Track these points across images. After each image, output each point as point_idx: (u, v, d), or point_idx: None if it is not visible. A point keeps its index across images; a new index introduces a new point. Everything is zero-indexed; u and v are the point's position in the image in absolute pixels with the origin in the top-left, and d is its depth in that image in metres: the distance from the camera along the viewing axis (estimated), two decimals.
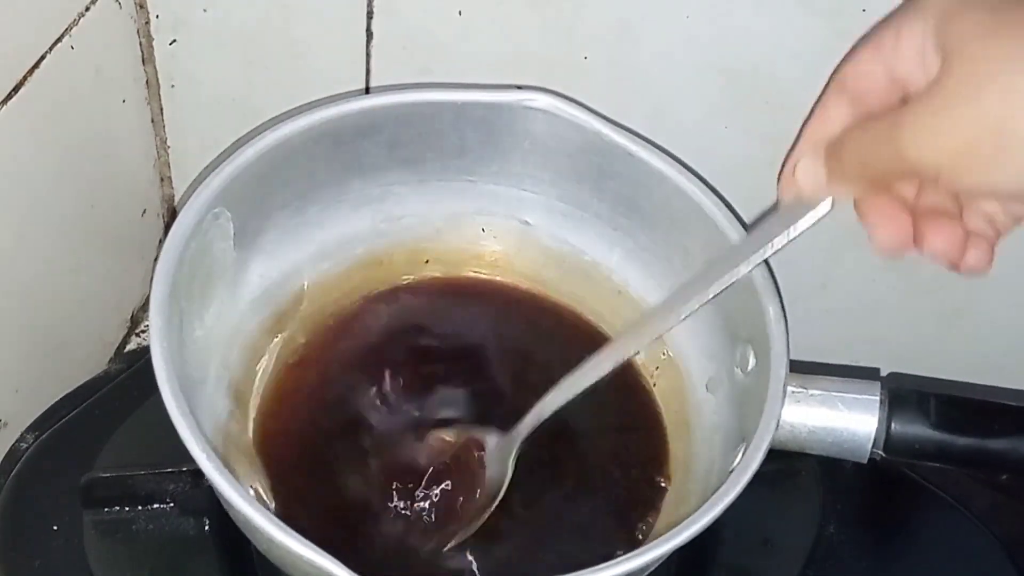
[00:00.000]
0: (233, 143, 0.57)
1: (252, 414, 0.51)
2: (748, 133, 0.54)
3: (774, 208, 0.43)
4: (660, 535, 0.40)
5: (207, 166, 0.59)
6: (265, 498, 0.48)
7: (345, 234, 0.55)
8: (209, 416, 0.48)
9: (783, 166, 0.42)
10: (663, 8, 0.51)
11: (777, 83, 0.52)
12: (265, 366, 0.52)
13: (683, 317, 0.44)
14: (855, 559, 0.53)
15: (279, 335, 0.53)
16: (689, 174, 0.50)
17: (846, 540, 0.53)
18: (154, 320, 0.43)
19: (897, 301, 0.60)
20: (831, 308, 0.60)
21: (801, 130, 0.42)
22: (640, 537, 0.48)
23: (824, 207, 0.40)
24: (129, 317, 0.65)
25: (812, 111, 0.42)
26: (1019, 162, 0.33)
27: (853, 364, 0.63)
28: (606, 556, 0.39)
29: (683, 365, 0.53)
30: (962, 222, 0.39)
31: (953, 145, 0.34)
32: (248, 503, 0.39)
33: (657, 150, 0.51)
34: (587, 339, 0.55)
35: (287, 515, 0.47)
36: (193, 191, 0.47)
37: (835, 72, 0.41)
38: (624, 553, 0.39)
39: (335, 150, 0.51)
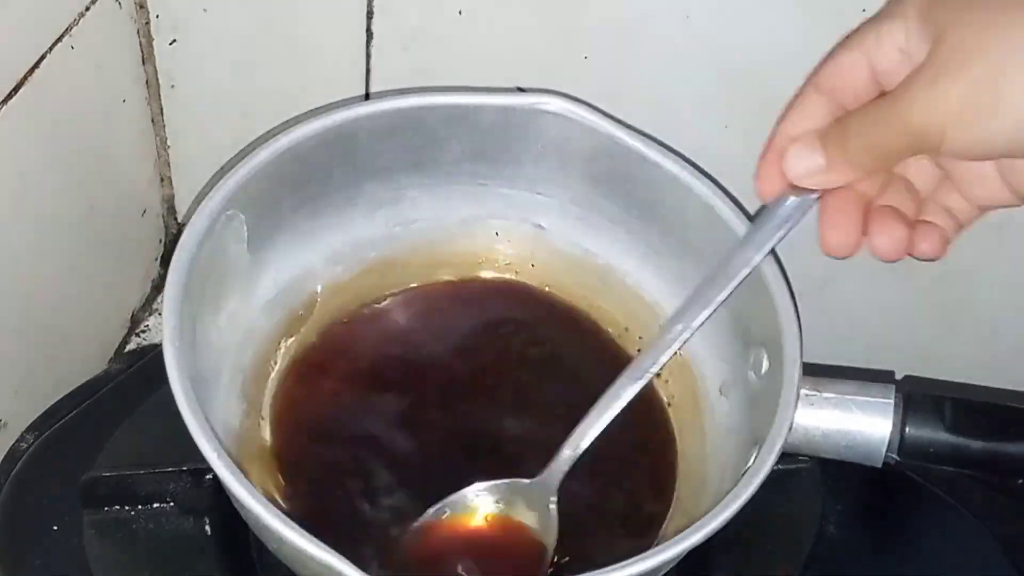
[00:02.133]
0: (236, 151, 0.57)
1: (266, 416, 0.51)
2: (748, 133, 0.54)
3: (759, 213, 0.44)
4: (670, 538, 0.40)
5: (215, 172, 0.59)
6: (277, 499, 0.48)
7: (359, 238, 0.55)
8: (222, 417, 0.47)
9: (760, 167, 0.44)
10: (663, 8, 0.51)
11: (777, 83, 0.52)
12: (278, 368, 0.52)
13: (689, 333, 0.45)
14: (855, 559, 0.53)
15: (292, 337, 0.53)
16: (703, 177, 0.50)
17: (846, 540, 0.53)
18: (167, 321, 0.43)
19: (899, 299, 0.60)
20: (832, 307, 0.60)
21: (774, 131, 0.44)
22: (650, 540, 0.48)
23: (811, 198, 0.43)
24: (129, 317, 0.65)
25: (785, 111, 0.44)
26: (1014, 110, 0.37)
27: (854, 364, 0.63)
28: (618, 558, 0.39)
29: (697, 369, 0.53)
30: (910, 220, 0.42)
31: (954, 102, 0.37)
32: (257, 501, 0.39)
33: (670, 153, 0.50)
34: (605, 349, 0.55)
35: (298, 517, 0.47)
36: (193, 192, 0.47)
37: (812, 73, 0.44)
38: (634, 555, 0.39)
39: (348, 153, 0.51)
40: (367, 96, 0.58)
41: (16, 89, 0.48)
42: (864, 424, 0.45)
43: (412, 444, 0.50)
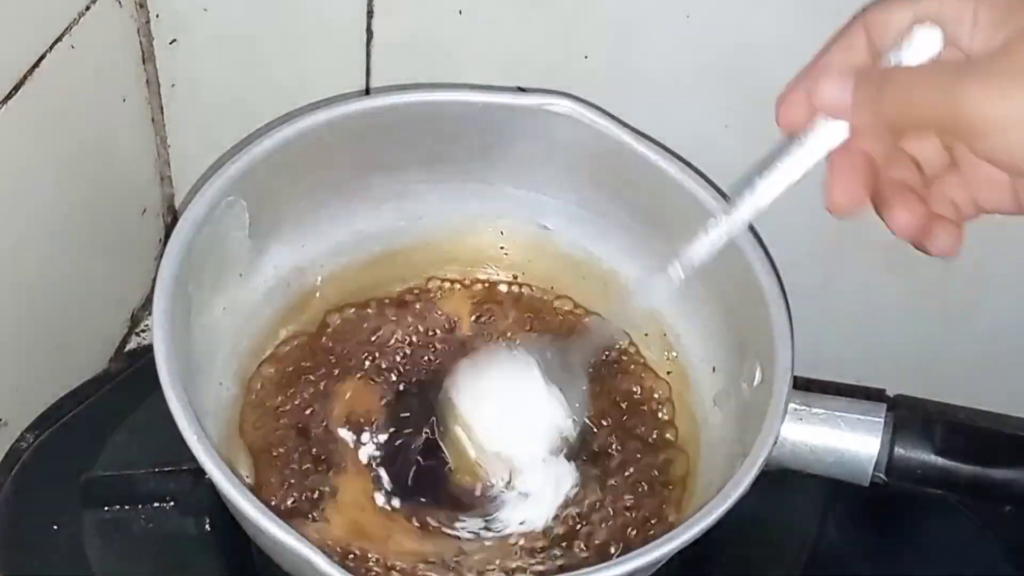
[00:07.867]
0: (234, 145, 0.57)
1: (255, 401, 0.51)
2: (748, 133, 0.54)
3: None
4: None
5: (212, 164, 0.59)
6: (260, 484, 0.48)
7: (363, 230, 0.55)
8: (213, 402, 0.48)
9: (787, 92, 0.42)
10: (663, 8, 0.51)
11: (777, 83, 0.52)
12: (273, 355, 0.53)
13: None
14: (855, 559, 0.53)
15: (291, 326, 0.53)
16: (707, 185, 0.50)
17: (846, 540, 0.53)
18: (158, 303, 0.43)
19: (899, 303, 0.60)
20: (831, 310, 0.60)
21: (815, 58, 0.42)
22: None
23: (840, 132, 0.40)
24: (129, 316, 0.65)
25: (828, 43, 0.42)
26: None
27: (851, 367, 0.63)
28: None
29: (693, 378, 0.53)
30: (926, 201, 0.40)
31: (1017, 110, 0.34)
32: (229, 480, 0.39)
33: (675, 159, 0.50)
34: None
35: (275, 502, 0.48)
36: (194, 190, 0.47)
37: (862, 13, 0.41)
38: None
39: (355, 146, 0.51)
40: (367, 94, 0.58)
41: (16, 89, 0.48)
42: (852, 442, 0.45)
43: (397, 440, 0.50)
